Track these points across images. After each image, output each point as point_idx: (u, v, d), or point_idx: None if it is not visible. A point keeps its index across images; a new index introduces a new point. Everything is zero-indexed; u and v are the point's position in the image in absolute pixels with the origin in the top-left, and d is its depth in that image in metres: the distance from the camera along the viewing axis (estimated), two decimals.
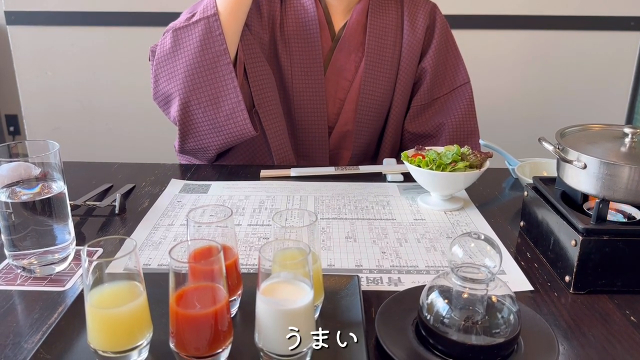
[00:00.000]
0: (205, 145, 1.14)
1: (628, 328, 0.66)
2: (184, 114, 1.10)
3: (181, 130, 1.13)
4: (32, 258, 0.73)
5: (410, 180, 1.07)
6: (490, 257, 0.56)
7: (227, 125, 1.09)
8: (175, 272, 0.53)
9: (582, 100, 2.41)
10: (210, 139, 1.12)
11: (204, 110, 1.09)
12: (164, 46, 1.10)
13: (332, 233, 0.88)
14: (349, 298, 0.67)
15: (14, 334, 0.63)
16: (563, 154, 0.76)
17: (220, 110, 1.08)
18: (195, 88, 1.07)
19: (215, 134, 1.11)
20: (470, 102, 1.25)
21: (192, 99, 1.08)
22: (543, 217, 0.82)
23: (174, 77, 1.09)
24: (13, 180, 0.72)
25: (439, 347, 0.57)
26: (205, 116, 1.09)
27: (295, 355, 0.54)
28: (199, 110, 1.09)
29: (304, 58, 1.21)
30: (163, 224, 0.91)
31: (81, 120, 2.44)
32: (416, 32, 1.23)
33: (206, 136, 1.12)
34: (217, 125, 1.10)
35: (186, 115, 1.10)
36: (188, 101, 1.09)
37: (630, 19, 2.29)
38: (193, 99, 1.08)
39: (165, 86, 1.11)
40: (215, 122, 1.09)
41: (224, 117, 1.08)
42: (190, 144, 1.15)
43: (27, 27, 2.30)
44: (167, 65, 1.10)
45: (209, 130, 1.11)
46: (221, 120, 1.09)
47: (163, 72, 1.11)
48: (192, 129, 1.12)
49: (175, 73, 1.09)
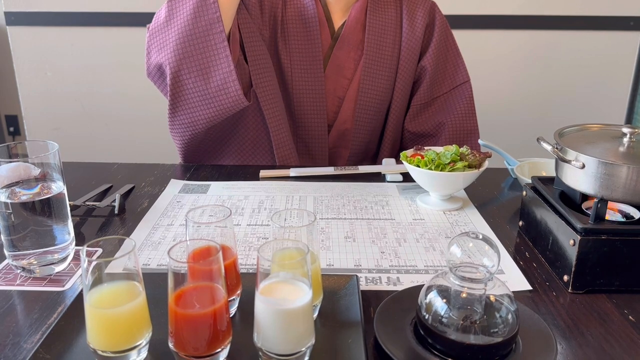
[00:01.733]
0: (195, 118, 1.11)
1: (626, 327, 0.66)
2: (173, 84, 1.08)
3: (171, 102, 1.10)
4: (32, 258, 0.73)
5: (410, 180, 1.08)
6: (489, 257, 0.56)
7: (218, 96, 1.07)
8: (174, 272, 0.53)
9: (581, 100, 2.41)
10: (201, 111, 1.09)
11: (194, 80, 1.06)
12: (158, 18, 1.09)
13: (331, 233, 0.88)
14: (348, 298, 0.67)
15: (13, 333, 0.63)
16: (561, 153, 0.76)
17: (211, 81, 1.06)
18: (186, 56, 1.05)
19: (205, 106, 1.08)
20: (470, 101, 1.25)
21: (182, 67, 1.06)
22: (542, 216, 0.82)
23: (165, 47, 1.07)
24: (13, 181, 0.72)
25: (438, 346, 0.57)
26: (196, 86, 1.07)
27: (294, 354, 0.54)
28: (189, 80, 1.07)
29: (303, 55, 1.21)
30: (162, 224, 0.91)
31: (81, 120, 2.44)
32: (415, 31, 1.23)
33: (196, 108, 1.09)
34: (207, 96, 1.07)
35: (176, 86, 1.08)
36: (178, 70, 1.06)
37: (630, 18, 2.29)
38: (183, 68, 1.06)
39: (157, 56, 1.09)
40: (206, 93, 1.07)
41: (215, 88, 1.06)
42: (180, 116, 1.12)
43: (27, 27, 2.30)
44: (159, 36, 1.08)
45: (199, 102, 1.08)
46: (212, 91, 1.06)
47: (155, 42, 1.09)
48: (182, 100, 1.09)
49: (166, 42, 1.07)
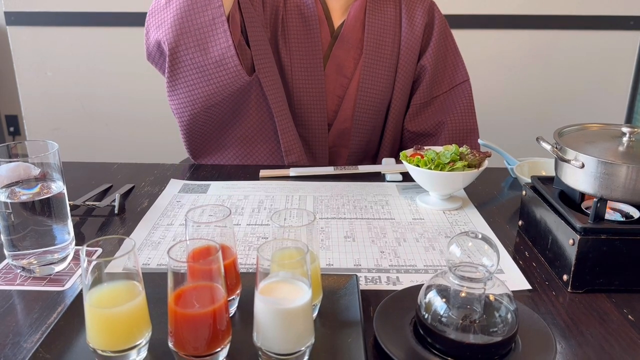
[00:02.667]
0: (194, 96, 1.09)
1: (625, 327, 0.66)
2: (172, 60, 1.06)
3: (169, 78, 1.09)
4: (32, 258, 0.73)
5: (409, 179, 1.08)
6: (488, 256, 0.57)
7: (216, 71, 1.05)
8: (174, 271, 0.53)
9: (581, 100, 2.41)
10: (200, 88, 1.07)
11: (192, 56, 1.05)
12: (159, 1, 1.07)
13: (331, 232, 0.88)
14: (348, 297, 0.67)
15: (13, 333, 0.63)
16: (561, 153, 0.76)
17: (209, 56, 1.04)
18: (184, 31, 1.03)
19: (204, 81, 1.06)
20: (470, 100, 1.25)
21: (180, 42, 1.04)
22: (541, 216, 0.82)
23: (163, 23, 1.05)
24: (12, 181, 0.72)
25: (437, 345, 0.58)
26: (194, 62, 1.05)
27: (293, 354, 0.54)
28: (187, 56, 1.05)
29: (303, 54, 1.21)
30: (162, 223, 0.91)
31: (81, 120, 2.44)
32: (414, 30, 1.23)
33: (195, 84, 1.07)
34: (206, 72, 1.05)
35: (174, 62, 1.06)
36: (176, 46, 1.04)
37: (630, 18, 2.29)
38: (181, 43, 1.04)
39: (155, 34, 1.07)
40: (204, 68, 1.05)
41: (214, 63, 1.04)
42: (179, 94, 1.10)
43: (27, 27, 2.30)
44: (157, 16, 1.07)
45: (197, 78, 1.07)
46: (210, 66, 1.05)
47: (154, 21, 1.07)
48: (181, 76, 1.08)
49: (164, 20, 1.05)
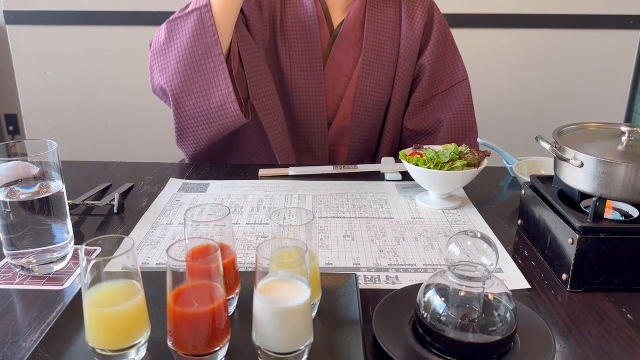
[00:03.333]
0: (199, 136, 1.15)
1: (625, 326, 0.66)
2: (176, 106, 1.11)
3: (176, 122, 1.14)
4: (31, 257, 0.73)
5: (409, 179, 1.07)
6: (487, 256, 0.57)
7: (218, 116, 1.10)
8: (173, 270, 0.53)
9: (581, 99, 2.41)
10: (203, 130, 1.13)
11: (195, 102, 1.09)
12: (158, 39, 1.11)
13: (330, 232, 0.88)
14: (347, 296, 0.67)
15: (12, 332, 0.63)
16: (560, 152, 0.76)
17: (211, 102, 1.09)
18: (186, 80, 1.08)
19: (207, 124, 1.12)
20: (469, 99, 1.26)
21: (183, 90, 1.09)
22: (540, 215, 0.82)
23: (166, 70, 1.09)
24: (12, 180, 0.72)
25: (436, 345, 0.58)
26: (197, 107, 1.10)
27: (293, 353, 0.54)
28: (191, 102, 1.10)
29: (303, 54, 1.21)
30: (162, 223, 0.91)
31: (80, 119, 2.44)
32: (414, 29, 1.23)
33: (199, 127, 1.13)
34: (208, 116, 1.10)
35: (179, 107, 1.11)
36: (180, 93, 1.09)
37: (630, 17, 2.29)
38: (185, 91, 1.09)
39: (159, 79, 1.11)
40: (207, 112, 1.10)
41: (215, 108, 1.09)
42: (186, 135, 1.16)
43: (27, 27, 2.30)
44: (160, 58, 1.11)
45: (201, 121, 1.12)
46: (212, 111, 1.09)
47: (157, 65, 1.11)
48: (185, 120, 1.13)
49: (167, 66, 1.09)
